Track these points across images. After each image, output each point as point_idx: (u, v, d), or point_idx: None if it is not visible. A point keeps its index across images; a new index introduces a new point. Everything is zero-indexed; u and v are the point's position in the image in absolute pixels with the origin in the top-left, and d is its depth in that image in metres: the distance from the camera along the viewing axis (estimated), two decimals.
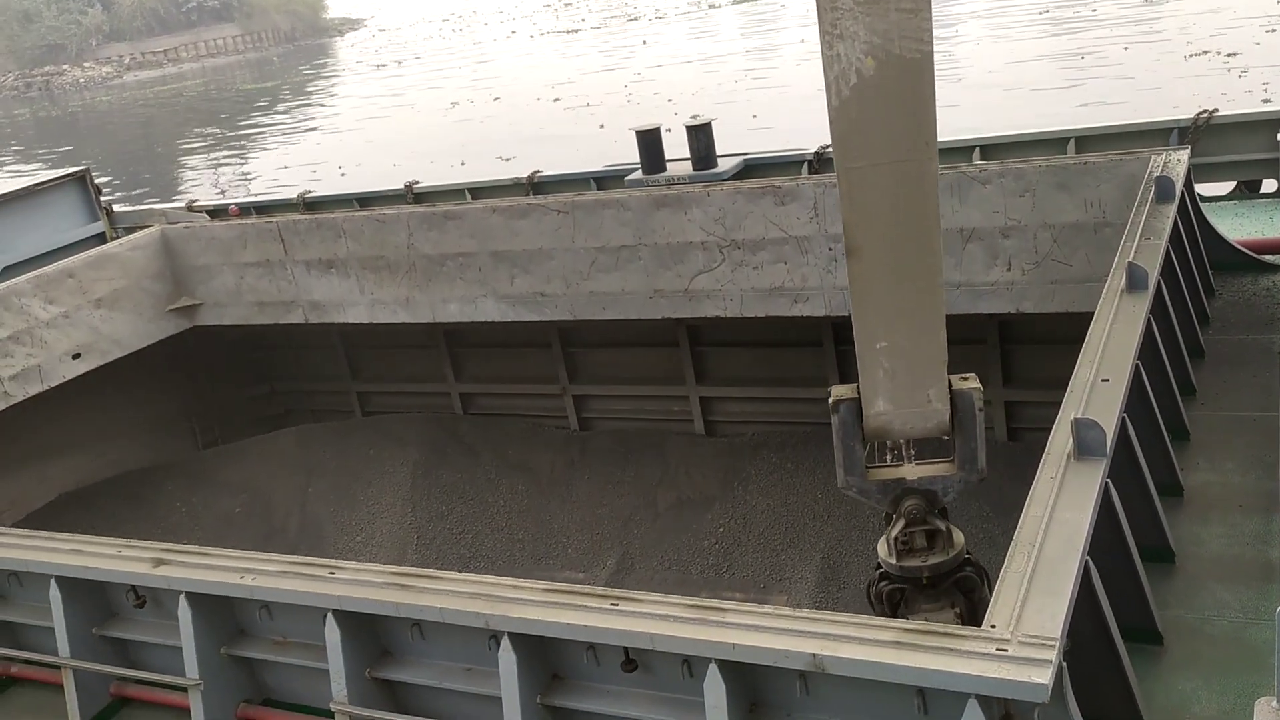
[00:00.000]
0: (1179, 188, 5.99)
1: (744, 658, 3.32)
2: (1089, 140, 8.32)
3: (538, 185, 10.22)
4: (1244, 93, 21.95)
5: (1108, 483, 3.70)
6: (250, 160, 38.60)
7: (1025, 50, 31.56)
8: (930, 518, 3.73)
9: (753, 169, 9.34)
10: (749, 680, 3.49)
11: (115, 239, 10.78)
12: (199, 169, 38.64)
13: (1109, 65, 27.01)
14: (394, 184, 10.95)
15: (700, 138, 9.35)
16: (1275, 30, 27.57)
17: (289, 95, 56.43)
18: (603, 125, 30.39)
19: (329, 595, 4.12)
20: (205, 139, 45.33)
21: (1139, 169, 6.61)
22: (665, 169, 9.43)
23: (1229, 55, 25.94)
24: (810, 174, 8.86)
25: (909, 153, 3.46)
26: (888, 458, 3.84)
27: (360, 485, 10.36)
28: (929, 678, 3.02)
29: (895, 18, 3.33)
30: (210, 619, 4.62)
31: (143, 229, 10.50)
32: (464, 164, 28.15)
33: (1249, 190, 8.45)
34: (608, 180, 9.85)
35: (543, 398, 10.54)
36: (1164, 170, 6.26)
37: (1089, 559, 3.35)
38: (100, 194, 11.30)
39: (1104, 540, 3.66)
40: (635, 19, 63.11)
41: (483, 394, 10.94)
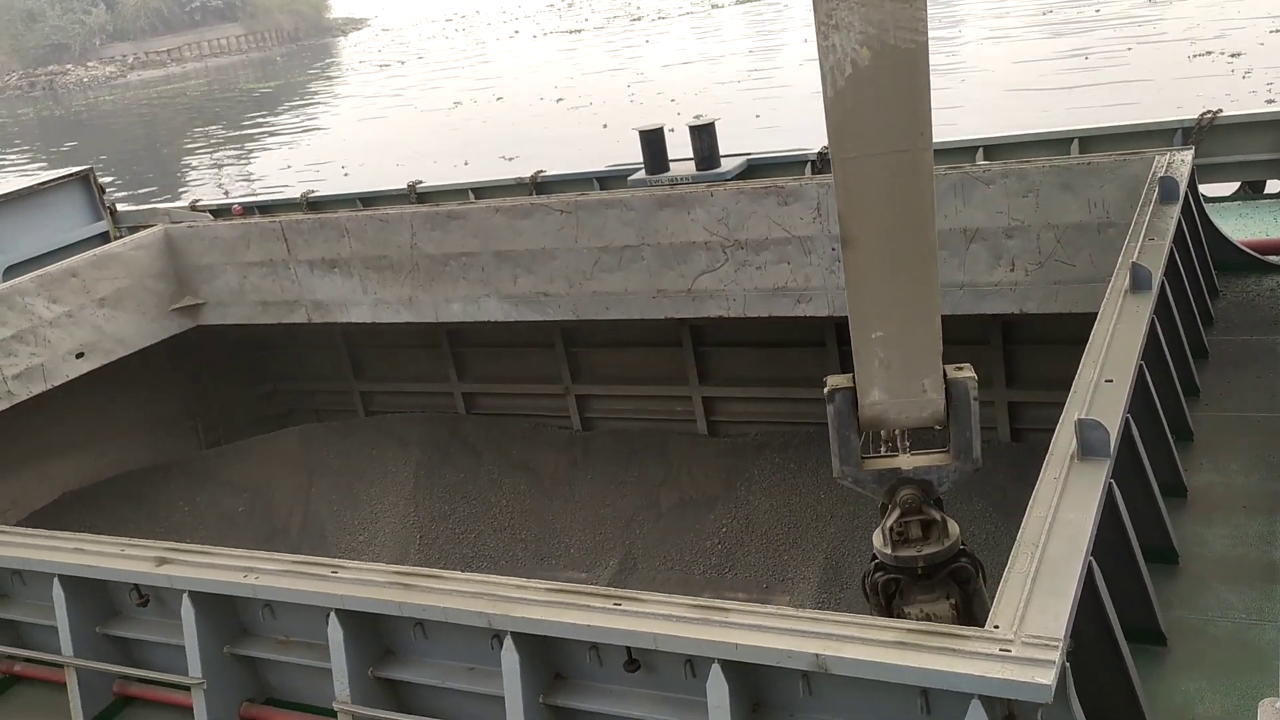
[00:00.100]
0: (1183, 188, 5.98)
1: (747, 658, 3.32)
2: (1092, 140, 8.31)
3: (541, 185, 10.23)
4: (1248, 93, 21.94)
5: (1111, 483, 3.69)
6: (253, 160, 38.62)
7: (1028, 51, 31.53)
8: (925, 507, 3.73)
9: (756, 169, 9.34)
10: (752, 680, 3.49)
11: (118, 238, 10.80)
12: (202, 169, 38.66)
13: (1114, 66, 26.96)
14: (397, 184, 10.96)
15: (703, 138, 9.35)
16: (1279, 31, 27.53)
17: (292, 95, 56.47)
18: (606, 125, 30.39)
19: (332, 595, 4.12)
20: (208, 139, 45.38)
21: (1143, 169, 6.60)
22: (668, 169, 9.43)
23: (1233, 55, 25.91)
24: (813, 174, 8.85)
25: (904, 143, 3.46)
26: (882, 449, 3.85)
27: (363, 485, 10.36)
28: (932, 678, 3.02)
29: (890, 8, 3.32)
30: (213, 618, 4.62)
31: (146, 228, 10.52)
32: (467, 164, 28.16)
33: (1253, 191, 8.44)
34: (611, 180, 9.85)
35: (546, 397, 10.54)
36: (1168, 171, 6.25)
37: (1092, 559, 3.35)
38: (104, 193, 11.33)
39: (1107, 541, 3.66)
40: (638, 19, 63.11)
41: (485, 394, 10.94)
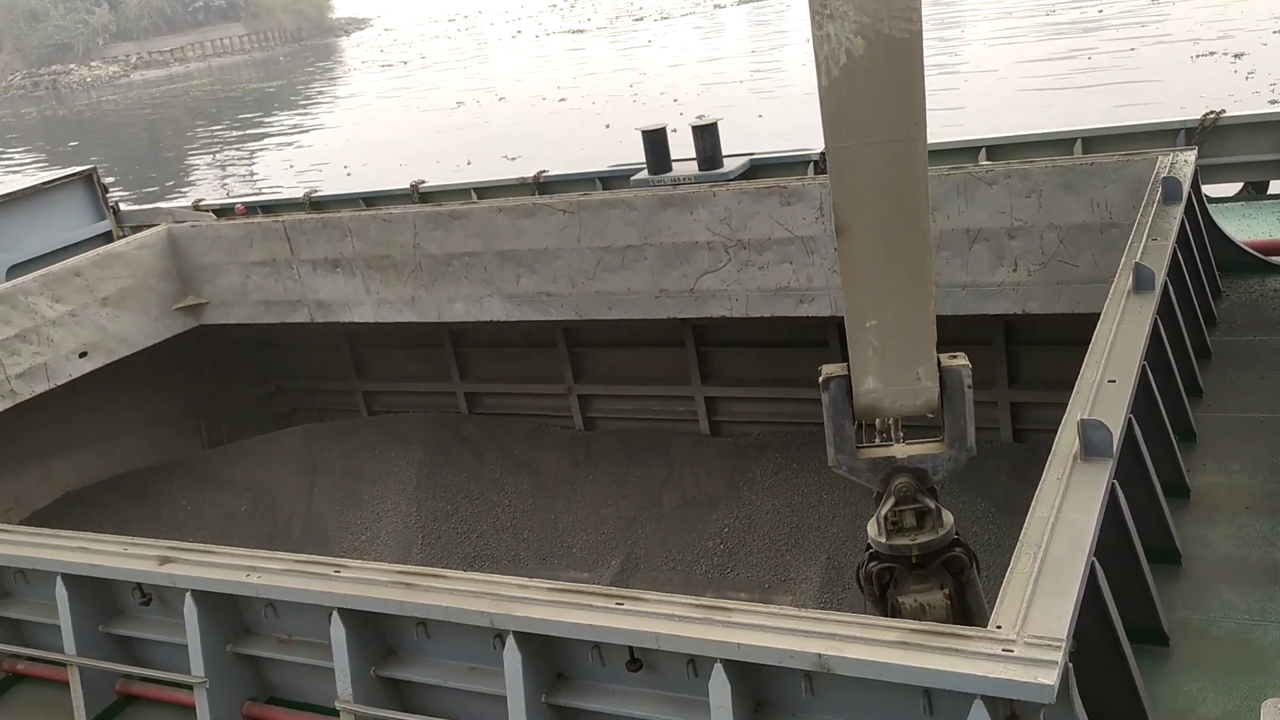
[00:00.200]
0: (1186, 189, 5.97)
1: (749, 658, 3.31)
2: (1095, 141, 8.29)
3: (543, 185, 10.22)
4: (1251, 94, 21.92)
5: (1114, 484, 3.69)
6: (256, 159, 38.64)
7: (1030, 51, 31.50)
8: (920, 496, 3.74)
9: (759, 169, 9.33)
10: (754, 680, 3.49)
11: (122, 238, 10.81)
12: (205, 168, 38.69)
13: (1117, 68, 26.94)
14: (400, 183, 10.94)
15: (706, 138, 9.35)
16: None
17: (295, 95, 56.50)
18: (608, 125, 30.38)
19: (334, 594, 4.12)
20: (211, 138, 45.40)
21: (1146, 170, 6.60)
22: (671, 169, 9.42)
23: (1236, 56, 25.89)
24: (816, 174, 8.84)
25: (899, 132, 3.47)
26: (876, 439, 3.86)
27: (365, 484, 10.36)
28: (934, 678, 3.01)
29: None
30: (216, 617, 4.62)
31: (149, 228, 10.53)
32: (470, 163, 28.17)
33: (1256, 191, 8.43)
34: (613, 180, 9.84)
35: (548, 397, 10.54)
36: (1171, 171, 6.24)
37: (1095, 560, 3.35)
38: (107, 193, 11.33)
39: (1110, 541, 3.66)
40: (640, 19, 63.10)
41: (488, 394, 10.95)
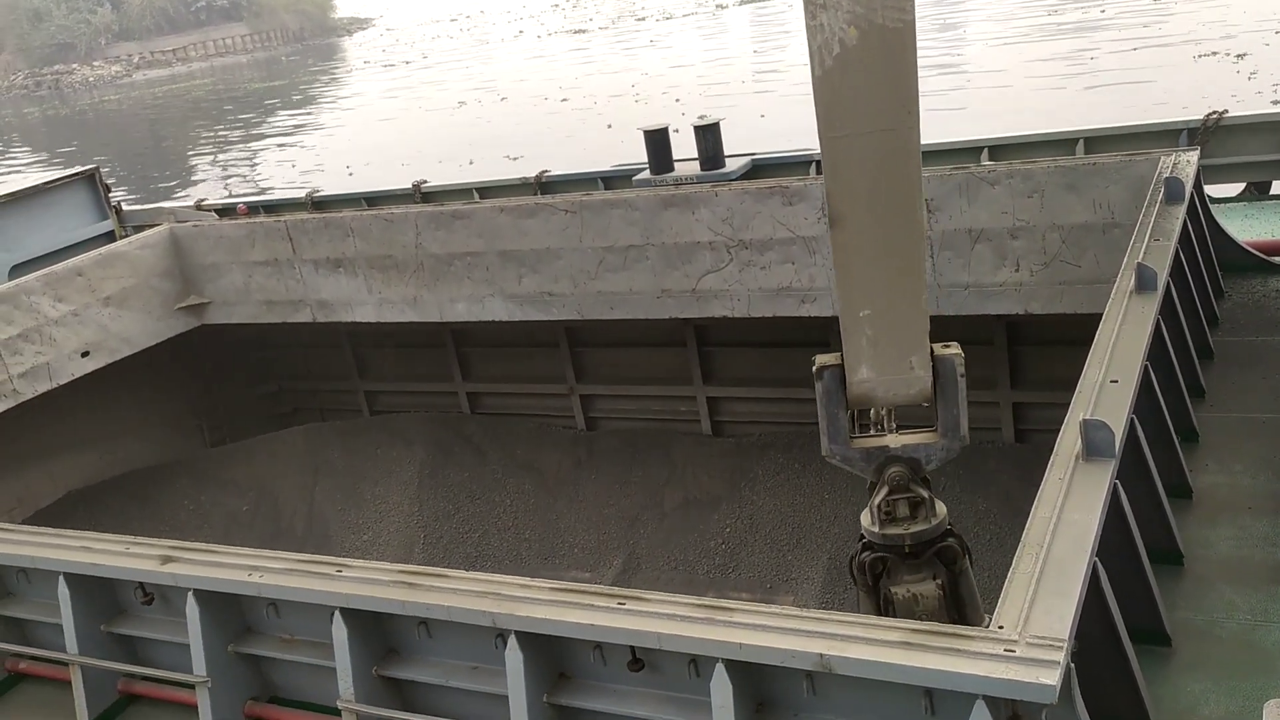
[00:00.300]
0: (1188, 189, 5.97)
1: (751, 657, 3.31)
2: (1098, 141, 8.29)
3: (545, 185, 10.23)
4: (1254, 94, 21.91)
5: (1116, 484, 3.69)
6: (258, 159, 38.66)
7: (1033, 51, 31.48)
8: (913, 485, 3.74)
9: (760, 169, 9.34)
10: (756, 680, 3.49)
11: (124, 237, 10.81)
12: (207, 168, 38.71)
13: (1119, 69, 26.92)
14: (402, 183, 10.95)
15: (708, 138, 9.35)
16: None
17: (297, 95, 56.53)
18: (610, 125, 30.38)
19: (336, 593, 4.12)
20: (213, 138, 45.42)
21: (1148, 170, 6.60)
22: (673, 169, 9.43)
23: (1238, 56, 25.87)
24: (818, 174, 8.84)
25: (892, 122, 3.48)
26: (870, 430, 3.87)
27: (367, 484, 10.37)
28: (936, 678, 3.01)
29: None
30: (218, 616, 4.62)
31: (151, 228, 10.53)
32: (472, 163, 28.17)
33: (1258, 191, 8.43)
34: (615, 180, 9.85)
35: (550, 397, 10.54)
36: (1173, 171, 6.24)
37: (1097, 560, 3.35)
38: (109, 192, 11.34)
39: (1112, 542, 3.65)
40: (642, 19, 63.10)
41: (490, 393, 10.95)
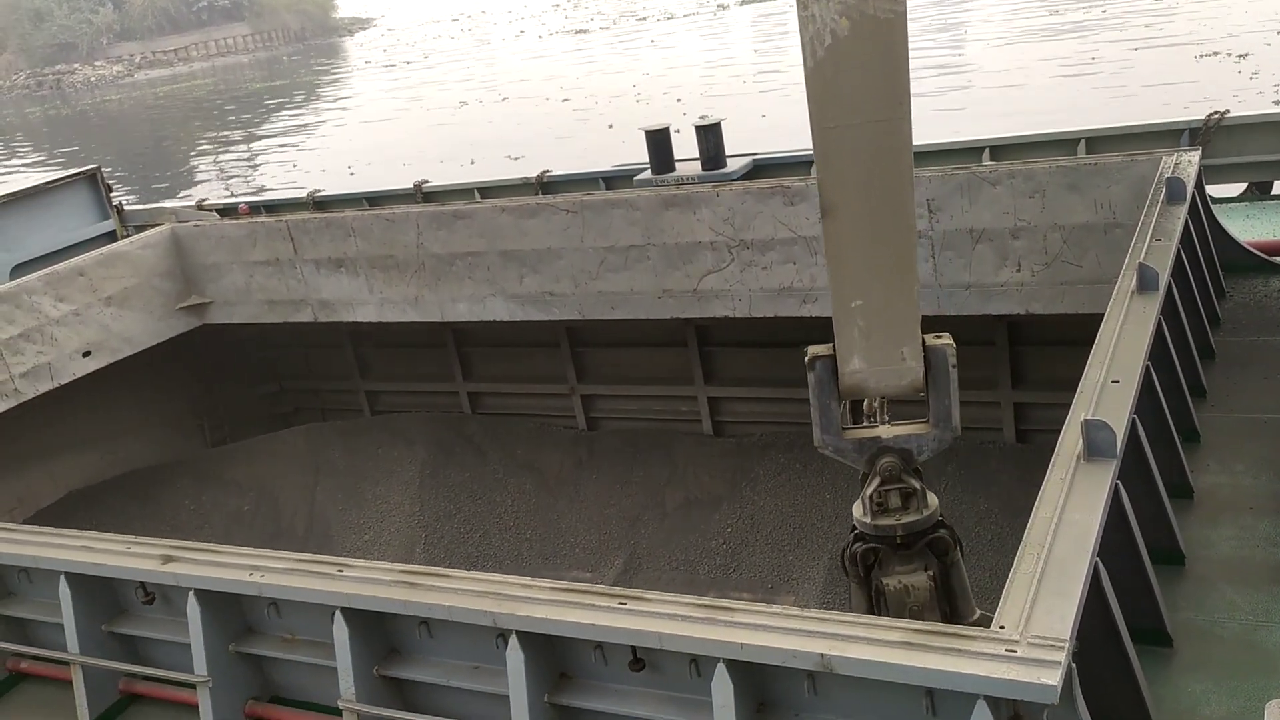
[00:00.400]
0: (1190, 189, 5.97)
1: (752, 657, 3.31)
2: (1099, 141, 8.29)
3: (547, 185, 10.23)
4: (1256, 94, 21.90)
5: (1118, 484, 3.69)
6: (259, 159, 38.67)
7: (1034, 52, 31.47)
8: (905, 476, 3.76)
9: (762, 169, 9.34)
10: (757, 680, 3.49)
11: (125, 237, 10.82)
12: (208, 168, 38.72)
13: (1121, 71, 26.91)
14: (403, 183, 10.96)
15: (709, 138, 9.36)
16: None
17: (298, 94, 56.55)
18: (611, 125, 30.38)
19: (337, 593, 4.12)
20: (215, 138, 45.44)
21: (1150, 170, 6.59)
22: (674, 169, 9.44)
23: (1240, 56, 25.86)
24: None
25: (883, 112, 3.49)
26: (863, 422, 3.90)
27: (368, 484, 10.37)
28: (937, 678, 3.01)
29: None
30: (219, 616, 4.62)
31: (153, 227, 10.54)
32: (473, 163, 28.17)
33: (1260, 191, 8.43)
34: (617, 180, 9.85)
35: (551, 397, 10.54)
36: (1175, 171, 6.24)
37: (1099, 560, 3.35)
38: (111, 192, 11.35)
39: (1114, 542, 3.65)
40: (644, 19, 63.10)
41: (491, 393, 10.95)
